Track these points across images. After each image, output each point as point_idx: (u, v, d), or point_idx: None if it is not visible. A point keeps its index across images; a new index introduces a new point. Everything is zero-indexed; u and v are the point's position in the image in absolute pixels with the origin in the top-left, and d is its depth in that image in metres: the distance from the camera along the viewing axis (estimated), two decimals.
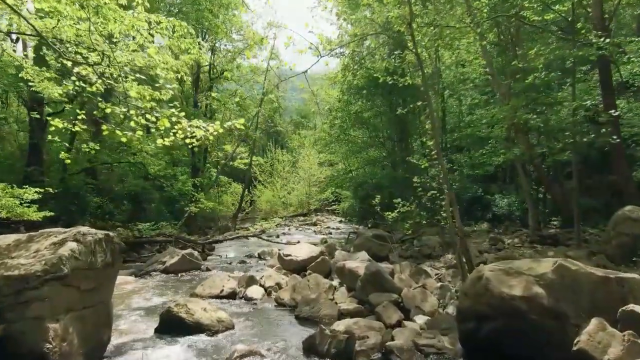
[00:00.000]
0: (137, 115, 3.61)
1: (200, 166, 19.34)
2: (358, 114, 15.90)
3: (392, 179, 15.22)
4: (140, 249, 11.01)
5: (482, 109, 13.53)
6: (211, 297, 5.83)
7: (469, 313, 3.32)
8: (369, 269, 5.40)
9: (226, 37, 18.30)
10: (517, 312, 2.99)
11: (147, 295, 6.07)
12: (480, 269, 3.41)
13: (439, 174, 5.39)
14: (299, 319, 4.92)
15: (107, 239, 3.92)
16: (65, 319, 3.36)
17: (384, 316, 4.65)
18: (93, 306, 3.77)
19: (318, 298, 5.18)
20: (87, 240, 3.67)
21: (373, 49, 6.69)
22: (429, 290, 5.23)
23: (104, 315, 3.94)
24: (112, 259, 3.97)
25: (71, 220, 11.59)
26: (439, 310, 4.71)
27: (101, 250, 3.81)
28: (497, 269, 3.25)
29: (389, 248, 8.58)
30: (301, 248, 7.80)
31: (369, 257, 7.25)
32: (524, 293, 2.97)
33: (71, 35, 3.94)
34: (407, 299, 4.96)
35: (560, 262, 3.04)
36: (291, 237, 14.78)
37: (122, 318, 4.86)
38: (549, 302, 2.90)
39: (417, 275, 6.10)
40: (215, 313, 4.59)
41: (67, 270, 3.34)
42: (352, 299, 5.41)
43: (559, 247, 7.56)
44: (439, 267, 7.36)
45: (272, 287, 6.19)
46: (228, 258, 10.25)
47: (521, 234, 9.52)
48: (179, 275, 7.62)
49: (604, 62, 7.39)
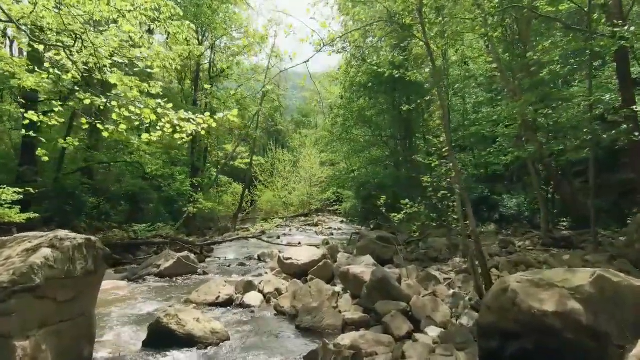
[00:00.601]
0: (119, 106, 3.26)
1: (200, 166, 19.03)
2: (361, 112, 15.53)
3: (395, 179, 14.85)
4: (136, 251, 10.65)
5: (488, 107, 13.14)
6: (206, 304, 5.48)
7: (492, 329, 2.95)
8: (375, 275, 5.02)
9: (227, 35, 17.96)
10: (549, 330, 2.61)
11: (139, 301, 5.71)
12: (505, 280, 3.03)
13: (450, 173, 5.01)
14: (300, 329, 4.55)
15: (88, 244, 3.56)
16: (37, 335, 2.99)
17: (392, 327, 4.28)
18: (72, 319, 3.41)
19: (320, 306, 4.81)
20: (65, 246, 3.31)
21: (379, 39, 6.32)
22: (440, 299, 4.86)
23: (85, 328, 3.58)
24: (95, 266, 3.61)
25: (66, 221, 11.26)
26: (452, 321, 4.32)
27: (81, 257, 3.45)
28: (524, 280, 2.87)
29: (394, 250, 8.21)
30: (302, 251, 7.43)
31: (374, 261, 6.88)
32: (558, 308, 2.60)
33: (51, 21, 3.59)
34: (416, 308, 4.59)
35: (599, 273, 2.66)
36: (292, 238, 14.44)
37: (108, 328, 4.50)
38: (588, 319, 2.52)
39: (426, 281, 5.72)
40: (209, 324, 4.23)
41: (40, 281, 2.98)
42: (357, 307, 5.04)
43: (575, 251, 7.16)
44: (447, 271, 6.98)
45: (271, 294, 5.83)
46: (227, 260, 9.89)
47: (532, 236, 9.12)
48: (174, 279, 7.26)
49: (623, 54, 6.99)
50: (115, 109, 3.27)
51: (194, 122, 3.19)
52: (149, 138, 3.33)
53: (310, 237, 14.92)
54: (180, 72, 19.08)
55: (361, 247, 8.38)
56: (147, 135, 3.36)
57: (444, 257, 7.96)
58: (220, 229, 16.33)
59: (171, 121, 3.17)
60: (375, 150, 17.21)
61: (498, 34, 8.76)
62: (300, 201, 25.06)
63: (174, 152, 16.51)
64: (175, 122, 3.15)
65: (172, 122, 3.18)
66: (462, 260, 7.50)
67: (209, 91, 16.17)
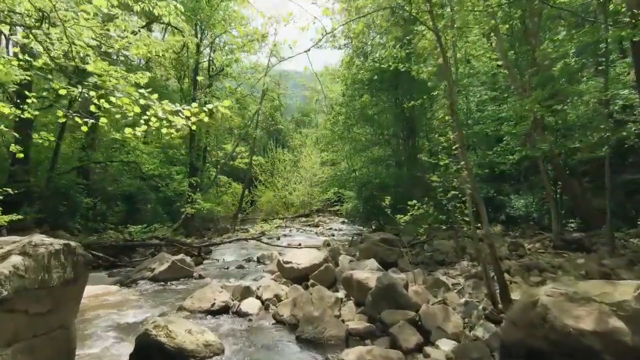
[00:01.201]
0: (98, 97, 2.92)
1: (199, 165, 18.71)
2: (362, 109, 15.18)
3: (398, 179, 14.50)
4: (131, 253, 10.34)
5: (494, 105, 12.79)
6: (201, 311, 5.15)
7: (519, 348, 2.62)
8: (381, 281, 4.69)
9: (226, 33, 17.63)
10: (586, 351, 2.28)
11: (129, 308, 5.38)
12: (534, 292, 2.70)
13: (462, 172, 4.68)
14: (301, 340, 4.22)
15: (67, 250, 3.23)
16: (5, 353, 2.67)
17: (400, 339, 3.95)
18: (48, 333, 3.08)
19: (322, 315, 4.47)
20: (39, 252, 2.97)
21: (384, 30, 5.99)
22: (451, 307, 4.52)
23: (64, 342, 3.25)
24: (74, 274, 3.28)
25: (59, 221, 10.94)
26: (466, 333, 3.99)
27: (58, 265, 3.12)
28: (557, 294, 2.53)
29: (398, 253, 7.88)
30: (302, 254, 7.09)
31: (378, 265, 6.55)
32: (598, 327, 2.27)
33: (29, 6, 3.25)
34: (426, 318, 4.25)
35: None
36: (292, 238, 14.12)
37: (93, 339, 4.17)
38: (633, 340, 2.19)
39: (435, 287, 5.39)
40: (201, 335, 3.89)
41: (7, 292, 2.65)
42: (362, 316, 4.71)
43: (589, 254, 6.82)
44: (455, 275, 6.64)
45: (270, 300, 5.50)
46: (225, 262, 9.57)
47: (542, 238, 8.77)
48: (168, 283, 6.93)
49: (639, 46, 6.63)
50: (93, 100, 2.94)
51: (181, 115, 2.86)
52: (132, 133, 2.99)
53: (310, 237, 14.60)
54: (179, 70, 18.79)
55: (364, 250, 8.06)
56: (130, 130, 3.02)
57: (451, 260, 7.63)
58: (219, 230, 16.02)
59: (156, 114, 2.84)
60: (377, 149, 16.86)
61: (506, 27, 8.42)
62: (300, 201, 24.74)
63: (172, 151, 16.20)
64: (161, 115, 2.82)
65: (157, 115, 2.85)
66: (470, 263, 7.17)
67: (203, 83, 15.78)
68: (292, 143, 30.65)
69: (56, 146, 11.00)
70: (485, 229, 4.37)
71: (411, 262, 6.54)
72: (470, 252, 7.67)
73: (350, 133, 15.92)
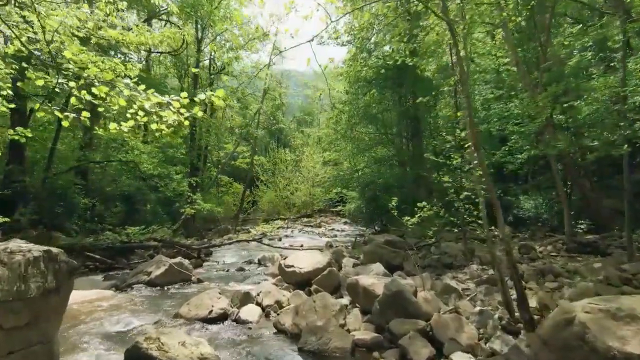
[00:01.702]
0: (78, 88, 2.64)
1: (199, 165, 18.46)
2: (366, 108, 14.87)
3: (402, 179, 14.19)
4: (129, 255, 10.07)
5: (500, 103, 12.47)
6: (197, 319, 4.87)
7: None
8: (389, 288, 4.40)
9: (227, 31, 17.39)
10: None
11: (123, 315, 5.10)
12: (568, 308, 2.40)
13: (476, 171, 4.38)
14: (304, 352, 3.94)
15: (48, 257, 2.96)
16: None
17: (411, 351, 3.67)
18: (26, 348, 2.81)
19: (326, 325, 4.19)
20: (15, 260, 2.70)
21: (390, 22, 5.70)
22: (464, 316, 4.22)
23: (44, 358, 2.98)
24: (56, 283, 3.01)
25: (56, 222, 10.69)
26: (482, 345, 3.69)
27: (37, 273, 2.84)
28: (596, 310, 2.23)
29: (403, 256, 7.59)
30: (305, 257, 6.80)
31: (384, 269, 6.26)
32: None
33: None
34: (437, 328, 3.95)
35: None
36: (294, 239, 13.86)
37: (81, 350, 3.90)
38: None
39: (445, 293, 5.09)
40: (196, 348, 3.61)
41: None
42: (368, 325, 4.42)
43: (605, 258, 6.50)
44: (465, 280, 6.34)
45: (271, 307, 5.21)
46: (225, 264, 9.31)
47: (553, 241, 8.44)
48: (165, 288, 6.66)
49: None
50: (74, 91, 2.66)
51: (172, 108, 2.58)
52: (117, 129, 2.71)
53: (312, 238, 14.33)
54: (179, 68, 18.55)
55: (368, 253, 7.76)
56: (114, 125, 2.73)
57: (460, 263, 7.32)
58: (220, 230, 15.75)
59: (143, 106, 2.56)
60: (381, 148, 16.55)
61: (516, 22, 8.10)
62: (302, 202, 24.46)
63: (172, 150, 15.95)
64: (148, 108, 2.54)
65: (144, 108, 2.57)
66: (480, 267, 6.86)
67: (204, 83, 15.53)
68: (294, 142, 30.37)
69: (52, 145, 10.77)
70: (502, 233, 4.07)
71: (418, 266, 6.25)
72: (480, 255, 7.37)
73: (353, 132, 15.62)
